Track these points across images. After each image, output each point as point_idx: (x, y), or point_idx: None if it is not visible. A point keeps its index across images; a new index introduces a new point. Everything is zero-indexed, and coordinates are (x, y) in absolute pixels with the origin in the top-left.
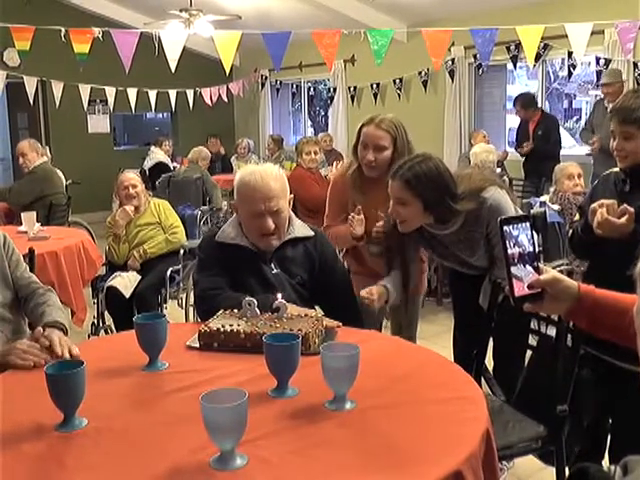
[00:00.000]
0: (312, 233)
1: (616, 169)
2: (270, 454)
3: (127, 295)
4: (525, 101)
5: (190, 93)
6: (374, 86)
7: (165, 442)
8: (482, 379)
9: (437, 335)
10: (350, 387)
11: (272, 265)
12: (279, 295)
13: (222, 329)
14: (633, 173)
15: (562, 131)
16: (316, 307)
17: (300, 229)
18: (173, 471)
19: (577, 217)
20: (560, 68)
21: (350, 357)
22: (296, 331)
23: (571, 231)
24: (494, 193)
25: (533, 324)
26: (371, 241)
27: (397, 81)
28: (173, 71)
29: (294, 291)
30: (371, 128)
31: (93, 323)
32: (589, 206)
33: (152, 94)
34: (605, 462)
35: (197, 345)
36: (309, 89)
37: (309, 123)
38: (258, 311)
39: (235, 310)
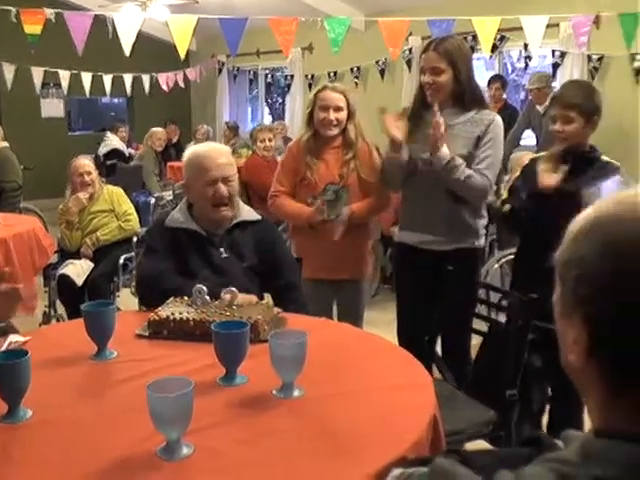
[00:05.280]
0: (259, 217)
1: (544, 153)
2: (217, 443)
3: (79, 283)
4: (503, 80)
5: (146, 78)
6: (331, 74)
7: (112, 433)
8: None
9: (391, 322)
10: (298, 374)
11: (222, 249)
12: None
13: (171, 317)
14: (571, 154)
15: None
16: (265, 295)
17: (248, 213)
18: (119, 462)
19: (505, 195)
20: (518, 60)
21: (298, 344)
22: (246, 319)
23: (508, 206)
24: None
25: (483, 310)
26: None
27: (354, 69)
28: (128, 55)
29: (244, 275)
30: (328, 92)
31: (45, 312)
32: (525, 186)
33: (107, 78)
34: None
35: (146, 333)
36: (266, 76)
37: (267, 110)
38: (208, 298)
39: (186, 297)
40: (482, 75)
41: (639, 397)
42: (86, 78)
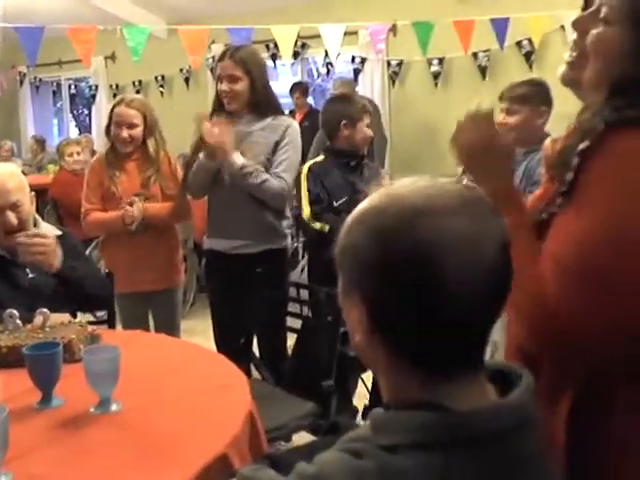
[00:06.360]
0: (60, 232)
1: (321, 157)
2: (37, 468)
3: None
4: (304, 87)
5: None
6: (136, 83)
7: None
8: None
9: (210, 329)
10: (114, 388)
11: (27, 270)
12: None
13: None
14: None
15: None
16: (78, 314)
17: (47, 230)
18: None
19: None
20: (323, 65)
21: (111, 359)
22: (59, 339)
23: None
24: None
25: (298, 308)
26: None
27: (159, 78)
28: None
29: (54, 293)
30: (122, 108)
31: None
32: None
33: None
34: None
35: None
36: (70, 87)
37: (73, 123)
38: (20, 323)
39: None
40: (288, 81)
41: (419, 370)
42: None
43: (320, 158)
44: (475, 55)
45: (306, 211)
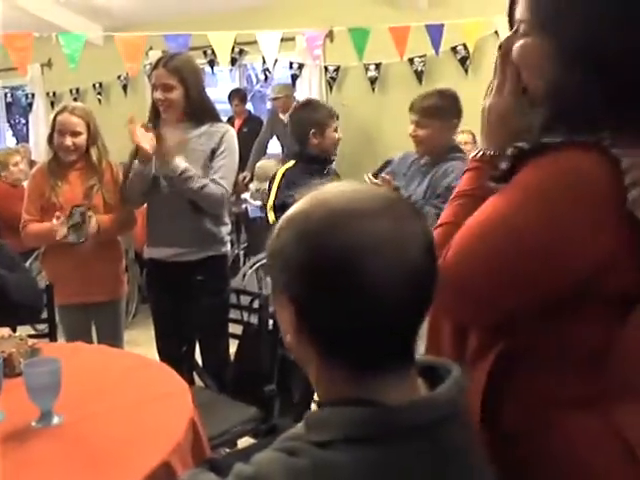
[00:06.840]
0: None
1: (291, 163)
2: None
3: None
4: (242, 94)
5: None
6: (74, 91)
7: None
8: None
9: (153, 339)
10: (55, 401)
11: None
12: None
13: None
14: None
15: None
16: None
17: None
18: None
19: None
20: (261, 72)
21: (51, 372)
22: None
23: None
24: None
25: (239, 314)
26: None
27: (97, 85)
28: None
29: None
30: (65, 116)
31: None
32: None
33: None
34: None
35: None
36: (6, 95)
37: (10, 132)
38: None
39: None
40: (227, 87)
41: (349, 368)
42: None
43: (291, 164)
44: (411, 60)
45: (271, 217)
